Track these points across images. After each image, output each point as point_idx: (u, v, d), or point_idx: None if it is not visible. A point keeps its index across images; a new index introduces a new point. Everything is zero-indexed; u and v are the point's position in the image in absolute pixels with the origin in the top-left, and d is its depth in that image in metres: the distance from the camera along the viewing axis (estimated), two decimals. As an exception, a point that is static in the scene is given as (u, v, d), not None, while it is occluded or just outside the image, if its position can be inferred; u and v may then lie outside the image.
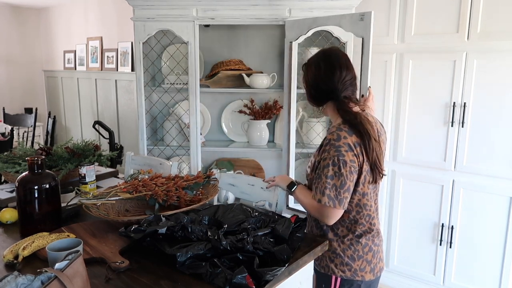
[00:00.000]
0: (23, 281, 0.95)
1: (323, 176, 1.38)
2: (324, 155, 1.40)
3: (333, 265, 1.51)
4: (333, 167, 1.37)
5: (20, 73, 6.02)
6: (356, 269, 1.49)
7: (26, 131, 5.14)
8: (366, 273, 1.51)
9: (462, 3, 2.26)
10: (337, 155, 1.36)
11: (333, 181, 1.37)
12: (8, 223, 1.60)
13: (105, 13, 4.94)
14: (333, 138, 1.39)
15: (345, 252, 1.49)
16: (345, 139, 1.38)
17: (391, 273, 2.75)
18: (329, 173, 1.37)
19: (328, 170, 1.37)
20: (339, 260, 1.49)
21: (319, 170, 1.41)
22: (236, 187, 1.91)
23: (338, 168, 1.36)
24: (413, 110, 2.52)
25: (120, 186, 1.60)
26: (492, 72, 2.22)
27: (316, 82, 1.48)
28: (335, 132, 1.40)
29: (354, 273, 1.49)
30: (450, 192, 2.44)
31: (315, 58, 1.51)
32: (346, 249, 1.49)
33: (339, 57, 1.47)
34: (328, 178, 1.37)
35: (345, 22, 2.15)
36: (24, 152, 2.16)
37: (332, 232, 1.51)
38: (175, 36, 2.65)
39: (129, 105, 4.76)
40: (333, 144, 1.38)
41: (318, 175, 1.41)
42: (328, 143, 1.40)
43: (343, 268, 1.49)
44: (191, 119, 2.65)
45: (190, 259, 1.20)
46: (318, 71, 1.47)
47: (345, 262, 1.49)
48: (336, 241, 1.50)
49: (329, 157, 1.38)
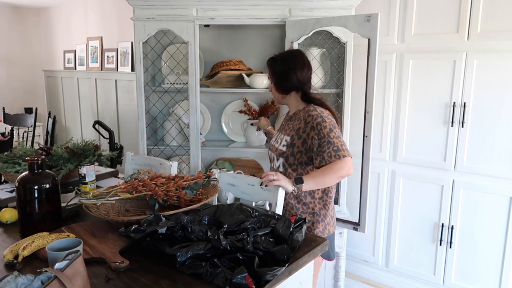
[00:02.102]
0: (23, 281, 0.95)
1: (331, 139, 1.65)
2: (319, 127, 1.67)
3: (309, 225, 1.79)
4: (335, 130, 1.67)
5: (20, 73, 6.02)
6: (327, 223, 1.82)
7: (26, 131, 5.14)
8: (331, 227, 1.85)
9: (462, 3, 2.26)
10: (330, 121, 1.69)
11: (339, 139, 1.66)
12: (8, 223, 1.60)
13: (105, 13, 4.94)
14: (319, 113, 1.72)
15: (320, 211, 1.80)
16: (325, 112, 1.74)
17: (391, 273, 2.75)
18: (335, 134, 1.66)
19: (333, 133, 1.66)
20: (315, 218, 1.79)
21: (322, 139, 1.66)
22: (236, 187, 1.91)
23: (336, 129, 1.68)
24: (413, 110, 2.52)
25: (120, 186, 1.60)
26: (492, 72, 2.22)
27: (287, 75, 1.80)
28: (315, 110, 1.73)
29: (324, 229, 1.80)
30: (450, 192, 2.44)
31: (285, 55, 1.85)
32: (321, 208, 1.80)
33: (306, 57, 1.82)
34: (337, 138, 1.65)
35: (351, 23, 2.16)
36: (24, 152, 2.16)
37: (310, 196, 1.79)
38: (175, 36, 2.65)
39: (129, 105, 4.76)
40: (322, 116, 1.70)
41: (323, 142, 1.65)
42: (316, 117, 1.70)
43: (318, 226, 1.79)
44: (191, 119, 2.65)
45: (190, 259, 1.20)
46: (290, 66, 1.80)
47: (320, 219, 1.80)
48: (313, 202, 1.79)
49: (326, 124, 1.67)
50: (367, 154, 2.20)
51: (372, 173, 2.36)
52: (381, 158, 2.65)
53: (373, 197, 2.70)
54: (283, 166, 1.82)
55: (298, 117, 1.81)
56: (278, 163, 1.84)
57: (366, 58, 2.13)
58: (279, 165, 1.84)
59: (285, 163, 1.81)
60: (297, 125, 1.78)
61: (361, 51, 2.26)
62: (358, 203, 2.26)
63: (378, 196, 2.71)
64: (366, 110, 2.18)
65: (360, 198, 2.24)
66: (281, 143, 1.84)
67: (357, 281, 2.81)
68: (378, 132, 2.62)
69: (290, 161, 1.79)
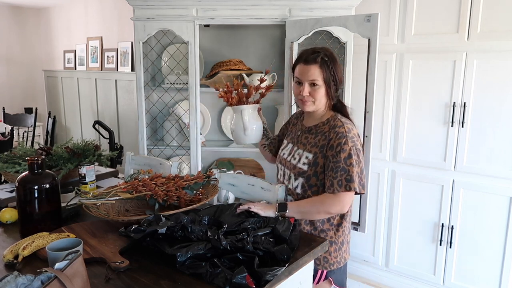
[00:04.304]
0: (23, 281, 0.95)
1: (346, 166, 1.48)
2: (338, 148, 1.50)
3: (325, 256, 1.60)
4: (354, 157, 1.49)
5: (20, 73, 6.02)
6: (344, 251, 1.65)
7: (26, 131, 5.14)
8: (347, 254, 1.68)
9: (462, 3, 2.26)
10: (353, 145, 1.50)
11: (356, 168, 1.49)
12: (8, 223, 1.60)
13: (105, 13, 4.94)
14: (346, 131, 1.52)
15: (338, 239, 1.62)
16: (353, 131, 1.55)
17: (391, 273, 2.75)
18: (353, 162, 1.48)
19: (351, 160, 1.48)
20: (333, 248, 1.60)
21: (336, 163, 1.49)
22: (236, 187, 1.91)
23: (357, 156, 1.50)
24: (413, 110, 2.52)
25: (120, 186, 1.60)
26: (492, 72, 2.22)
27: (342, 77, 1.60)
28: (344, 126, 1.54)
29: (341, 258, 1.63)
30: (450, 192, 2.44)
31: (333, 54, 1.59)
32: (340, 236, 1.62)
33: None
34: (354, 167, 1.48)
35: (351, 23, 2.16)
36: (24, 152, 2.16)
37: (328, 222, 1.60)
38: (175, 36, 2.65)
39: (129, 105, 4.76)
40: (347, 136, 1.51)
41: (336, 168, 1.49)
42: (340, 136, 1.51)
43: (336, 255, 1.61)
44: (191, 119, 2.65)
45: (190, 259, 1.20)
46: (341, 66, 1.61)
47: (338, 247, 1.61)
48: (331, 229, 1.61)
49: (347, 148, 1.49)
50: (367, 154, 2.20)
51: (372, 173, 2.36)
52: (381, 158, 2.65)
53: (373, 197, 2.70)
54: (302, 187, 1.61)
55: (321, 130, 1.59)
56: (296, 183, 1.62)
57: (366, 58, 2.13)
58: (297, 185, 1.62)
59: (305, 184, 1.60)
60: (321, 140, 1.57)
61: (361, 51, 2.26)
62: (358, 203, 2.26)
63: (378, 196, 2.71)
64: (366, 110, 2.18)
65: (360, 198, 2.24)
66: (300, 160, 1.61)
67: (357, 281, 2.81)
68: (378, 132, 2.62)
69: (311, 182, 1.58)
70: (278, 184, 1.68)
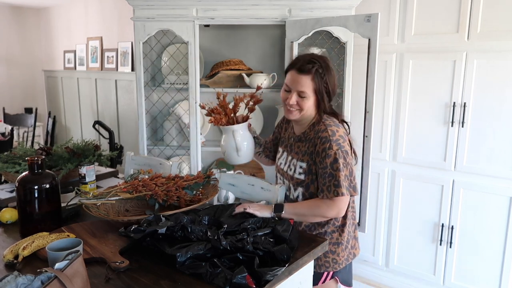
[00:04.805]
0: (23, 281, 0.95)
1: (333, 171, 1.46)
2: (323, 154, 1.49)
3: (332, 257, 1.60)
4: (340, 160, 1.46)
5: (20, 73, 6.02)
6: (352, 246, 1.65)
7: (26, 131, 5.14)
8: (356, 250, 1.68)
9: (462, 3, 2.26)
10: (338, 148, 1.47)
11: (344, 172, 1.46)
12: (8, 223, 1.60)
13: (105, 13, 4.94)
14: (329, 135, 1.49)
15: (344, 239, 1.61)
16: (338, 132, 1.51)
17: (391, 273, 2.75)
18: (339, 166, 1.46)
19: (337, 165, 1.46)
20: (340, 248, 1.60)
21: (324, 169, 1.48)
22: (236, 187, 1.91)
23: (344, 159, 1.47)
24: (413, 110, 2.52)
25: (120, 186, 1.60)
26: (492, 72, 2.22)
27: (335, 88, 1.58)
28: (327, 130, 1.51)
29: (349, 255, 1.63)
30: (450, 192, 2.44)
31: (329, 65, 1.55)
32: (345, 236, 1.61)
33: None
34: (340, 171, 1.45)
35: (351, 23, 2.16)
36: (24, 152, 2.16)
37: (332, 225, 1.60)
38: (175, 36, 2.65)
39: (129, 105, 4.76)
40: (331, 140, 1.48)
41: (324, 173, 1.48)
42: (324, 141, 1.49)
43: (344, 254, 1.61)
44: (191, 119, 2.65)
45: (190, 259, 1.20)
46: (334, 74, 1.56)
47: (344, 246, 1.61)
48: (336, 231, 1.60)
49: (332, 153, 1.47)
50: (367, 154, 2.20)
51: (372, 173, 2.35)
52: (381, 158, 2.65)
53: (373, 197, 2.70)
54: (302, 196, 1.60)
55: (309, 137, 1.57)
56: (296, 193, 1.62)
57: (366, 58, 2.13)
58: (298, 195, 1.62)
59: (305, 193, 1.59)
60: (310, 147, 1.56)
61: (361, 51, 2.26)
62: (358, 203, 2.26)
63: (378, 196, 2.71)
64: (366, 110, 2.18)
65: (360, 198, 2.25)
66: (295, 170, 1.60)
67: (357, 281, 2.81)
68: (378, 132, 2.62)
69: (311, 190, 1.58)
70: (278, 184, 1.68)
